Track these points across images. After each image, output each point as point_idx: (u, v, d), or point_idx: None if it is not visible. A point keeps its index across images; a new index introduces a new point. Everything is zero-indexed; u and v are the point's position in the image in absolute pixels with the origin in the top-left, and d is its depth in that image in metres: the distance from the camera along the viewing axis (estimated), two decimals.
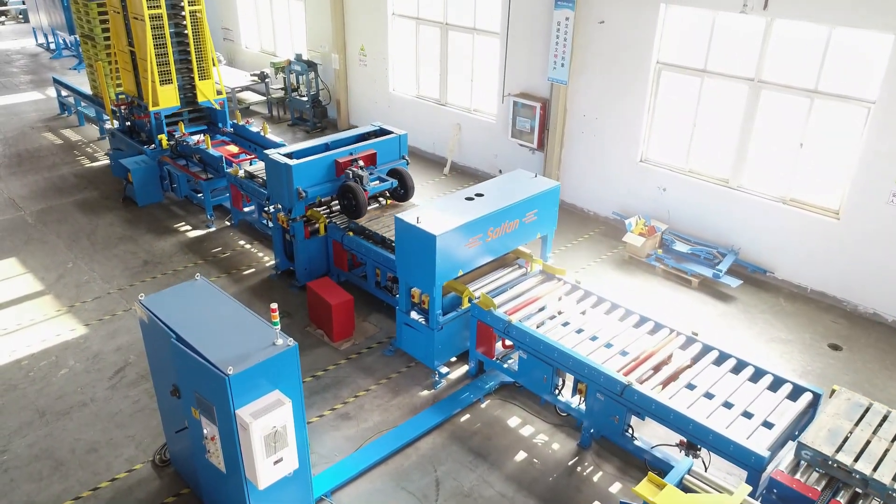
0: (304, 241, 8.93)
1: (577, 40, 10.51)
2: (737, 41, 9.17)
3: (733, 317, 8.86)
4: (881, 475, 4.82)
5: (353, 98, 15.14)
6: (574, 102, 11.00)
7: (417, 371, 7.74)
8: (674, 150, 10.25)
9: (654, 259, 9.87)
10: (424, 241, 6.91)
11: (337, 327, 8.10)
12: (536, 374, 6.87)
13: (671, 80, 9.96)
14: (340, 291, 8.23)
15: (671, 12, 9.63)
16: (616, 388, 6.16)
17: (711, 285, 9.44)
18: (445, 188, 12.45)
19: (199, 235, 10.69)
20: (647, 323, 7.11)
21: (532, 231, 7.98)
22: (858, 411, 5.40)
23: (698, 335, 6.83)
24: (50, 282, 9.37)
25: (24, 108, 16.45)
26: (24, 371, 7.65)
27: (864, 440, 5.12)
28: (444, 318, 7.39)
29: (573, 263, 9.89)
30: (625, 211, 10.84)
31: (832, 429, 5.20)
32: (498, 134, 12.31)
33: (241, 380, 4.73)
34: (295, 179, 8.52)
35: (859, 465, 4.90)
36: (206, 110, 12.15)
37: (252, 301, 8.96)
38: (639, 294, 9.30)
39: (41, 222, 10.99)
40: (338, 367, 7.81)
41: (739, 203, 9.58)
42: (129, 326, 8.42)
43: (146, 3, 10.66)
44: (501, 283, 7.90)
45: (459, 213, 7.26)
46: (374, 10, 13.76)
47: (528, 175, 8.24)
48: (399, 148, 9.62)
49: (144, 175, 11.39)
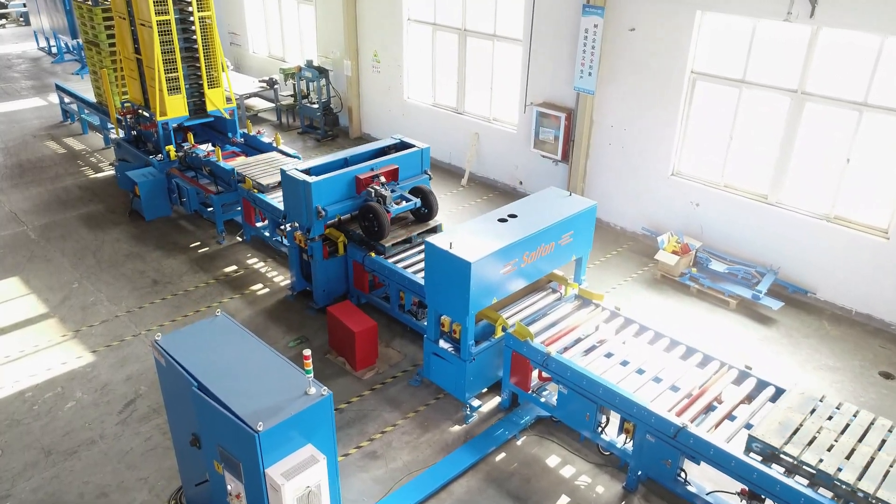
0: (322, 261, 8.46)
1: (605, 48, 10.03)
2: (779, 50, 8.70)
3: (776, 342, 8.39)
4: (827, 466, 4.95)
5: (365, 106, 14.67)
6: (601, 113, 10.53)
7: (447, 403, 7.27)
8: (708, 164, 9.78)
9: (688, 278, 9.40)
10: (458, 267, 6.43)
11: (360, 356, 7.64)
12: (578, 411, 6.40)
13: (706, 91, 9.49)
14: (363, 317, 7.76)
15: (707, 19, 9.16)
16: (669, 430, 5.69)
17: (750, 307, 8.97)
18: (464, 200, 11.98)
19: (210, 252, 10.22)
20: (695, 354, 6.64)
21: (567, 253, 7.51)
22: (811, 404, 5.55)
23: (752, 369, 6.36)
24: (54, 304, 8.90)
25: (25, 116, 15.98)
26: (29, 404, 7.18)
27: (813, 432, 5.28)
28: (476, 349, 6.93)
29: (603, 282, 9.43)
30: (655, 226, 10.37)
31: (783, 421, 5.36)
32: (519, 144, 11.84)
33: (272, 435, 4.27)
34: (314, 197, 8.05)
35: (806, 455, 5.05)
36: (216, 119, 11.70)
37: (268, 325, 8.50)
38: (673, 316, 8.83)
39: (44, 238, 10.52)
40: (362, 398, 7.34)
41: (779, 220, 9.12)
42: (138, 353, 7.95)
43: (154, 9, 10.20)
44: (535, 310, 7.44)
45: (493, 236, 6.79)
46: (389, 15, 13.29)
47: (562, 193, 7.77)
48: (421, 162, 9.16)
49: (152, 188, 10.92)
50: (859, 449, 5.17)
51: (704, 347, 6.66)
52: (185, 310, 8.80)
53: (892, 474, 4.93)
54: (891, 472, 4.94)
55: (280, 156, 10.91)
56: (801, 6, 8.11)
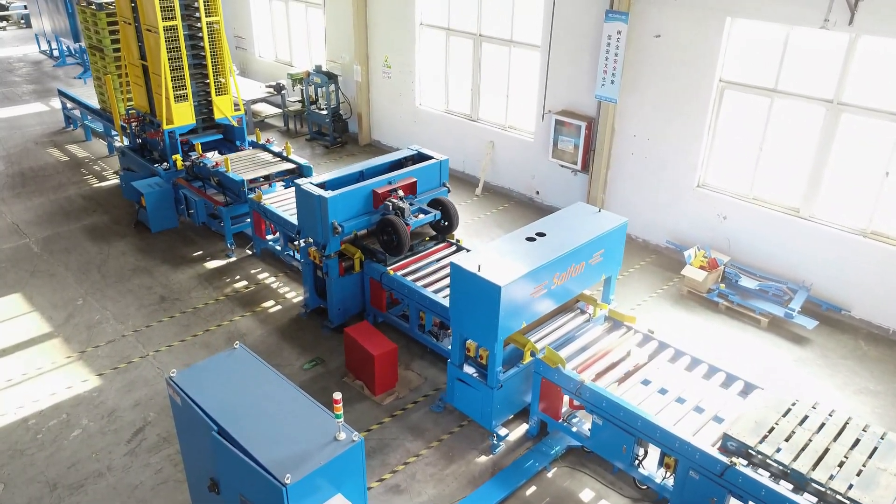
0: (338, 278, 8.11)
1: (629, 55, 9.68)
2: (814, 59, 8.35)
3: (812, 363, 8.04)
4: (801, 465, 4.98)
5: (375, 112, 14.31)
6: (623, 122, 10.18)
7: (471, 431, 6.92)
8: (736, 176, 9.42)
9: (716, 295, 9.04)
10: (486, 291, 6.08)
11: (379, 380, 7.29)
12: (614, 443, 6.04)
13: (735, 100, 9.13)
14: (382, 339, 7.41)
15: (738, 26, 8.81)
16: (715, 467, 5.33)
17: (782, 325, 8.62)
18: (479, 211, 11.63)
19: (219, 266, 9.86)
20: (736, 382, 6.29)
21: (597, 273, 7.16)
22: (786, 404, 5.57)
23: (798, 402, 6.00)
24: (58, 322, 8.55)
25: (27, 122, 15.62)
26: (32, 433, 6.83)
27: (788, 431, 5.31)
28: (503, 375, 6.58)
29: (627, 298, 9.07)
30: (680, 239, 10.02)
31: (759, 420, 5.39)
32: (536, 153, 11.49)
33: (300, 487, 3.92)
34: (330, 213, 7.70)
35: (780, 455, 5.09)
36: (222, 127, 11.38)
37: (282, 345, 8.15)
38: (702, 334, 8.49)
39: (47, 251, 10.17)
40: (382, 426, 6.99)
41: (811, 234, 8.76)
42: (146, 377, 7.60)
43: (161, 14, 9.86)
44: (564, 333, 7.09)
45: (522, 257, 6.44)
46: (400, 20, 12.93)
47: (591, 209, 7.42)
48: (440, 174, 8.81)
49: (158, 199, 10.56)
50: (833, 449, 5.19)
51: (744, 374, 6.31)
52: (195, 329, 8.45)
53: (864, 473, 4.97)
54: (863, 472, 5.00)
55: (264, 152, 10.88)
56: (839, 13, 7.76)
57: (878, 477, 4.93)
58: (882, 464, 5.05)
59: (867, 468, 5.03)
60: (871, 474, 4.96)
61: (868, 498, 4.75)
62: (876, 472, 4.99)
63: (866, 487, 4.85)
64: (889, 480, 4.90)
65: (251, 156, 10.70)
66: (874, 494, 4.79)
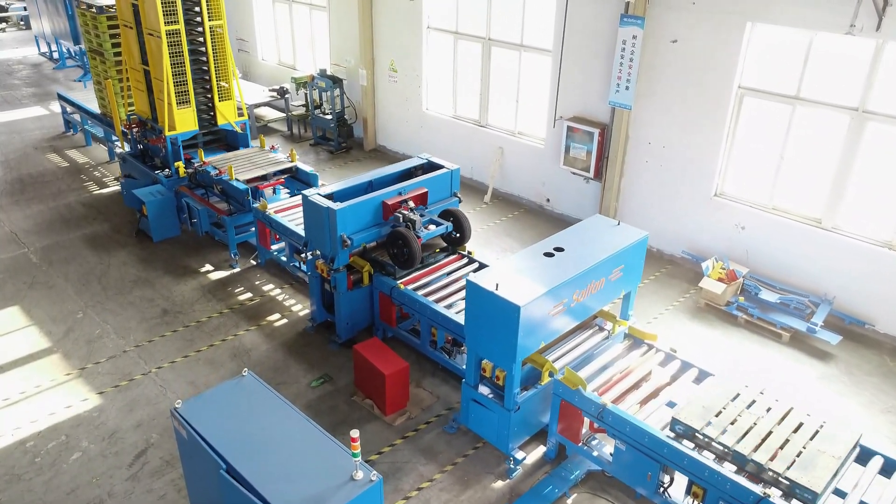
0: (346, 292, 7.85)
1: (644, 61, 9.42)
2: (838, 65, 8.08)
3: (836, 380, 7.78)
4: (743, 447, 5.14)
5: (381, 117, 14.04)
6: (638, 128, 9.91)
7: (487, 454, 6.66)
8: (755, 185, 9.16)
9: (735, 308, 8.78)
10: (505, 311, 5.82)
11: (390, 399, 7.02)
12: (638, 469, 5.77)
13: (755, 107, 8.87)
14: (393, 357, 7.14)
15: (758, 31, 8.54)
16: (748, 499, 5.07)
17: (804, 340, 8.36)
18: (488, 219, 11.36)
19: (223, 278, 9.60)
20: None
21: (616, 289, 6.89)
22: (735, 390, 5.71)
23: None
24: (58, 337, 8.29)
25: (26, 126, 15.35)
26: (30, 456, 6.56)
27: (734, 416, 5.45)
28: (521, 397, 6.32)
29: (643, 311, 8.80)
30: (695, 250, 9.75)
31: (707, 405, 5.54)
32: (546, 160, 11.22)
33: None
34: (339, 226, 7.44)
35: (724, 437, 5.23)
36: (223, 132, 11.13)
37: (288, 362, 7.88)
38: (722, 349, 8.23)
39: (46, 261, 9.90)
40: (394, 448, 6.72)
41: (834, 246, 8.50)
42: (148, 396, 7.33)
43: (163, 18, 9.60)
44: (582, 351, 6.84)
45: (540, 274, 6.18)
46: (407, 23, 12.67)
47: (610, 222, 7.16)
48: (451, 184, 8.55)
49: (160, 208, 10.29)
50: (776, 432, 5.35)
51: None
52: (199, 343, 8.19)
53: (804, 455, 5.13)
54: (803, 454, 5.15)
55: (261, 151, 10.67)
56: (866, 18, 7.49)
57: (818, 459, 5.10)
58: (823, 446, 5.22)
59: (807, 450, 5.18)
60: (811, 456, 5.12)
61: (805, 478, 4.91)
62: (816, 454, 5.15)
63: (804, 468, 5.00)
64: (827, 462, 5.07)
65: (249, 155, 10.47)
66: (811, 475, 4.94)
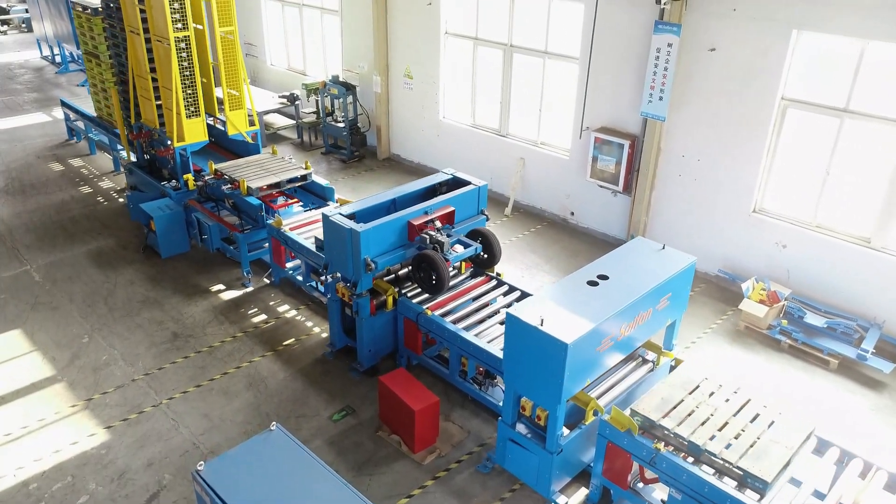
0: (369, 318, 7.38)
1: (679, 70, 8.94)
2: (891, 76, 7.61)
3: (890, 411, 7.30)
4: (698, 437, 5.18)
5: (395, 125, 13.57)
6: (671, 141, 9.43)
7: (525, 497, 6.18)
8: (798, 201, 8.68)
9: (777, 332, 8.30)
10: (550, 348, 5.35)
11: (419, 436, 6.55)
12: None
13: (799, 119, 8.39)
14: (422, 390, 6.66)
15: (805, 40, 8.06)
16: None
17: (854, 367, 7.88)
18: (511, 232, 10.89)
19: (235, 297, 9.13)
20: (831, 449, 5.55)
21: (662, 319, 6.43)
22: (694, 382, 5.74)
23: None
24: (62, 364, 7.82)
25: (29, 133, 14.89)
26: (34, 499, 6.09)
27: (691, 407, 5.49)
28: (564, 439, 5.84)
29: (680, 334, 8.27)
30: (733, 268, 9.27)
31: (665, 397, 5.57)
32: (571, 172, 10.75)
33: None
34: (363, 248, 6.97)
35: (680, 428, 5.25)
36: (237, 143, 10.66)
37: (307, 392, 7.41)
38: (765, 377, 7.75)
39: (50, 280, 9.44)
40: (424, 491, 6.25)
41: (884, 267, 8.02)
42: (159, 430, 6.87)
43: (172, 25, 9.13)
44: (627, 385, 6.38)
45: (586, 306, 5.70)
46: (424, 28, 12.19)
47: (654, 246, 6.68)
48: (478, 202, 8.08)
49: (169, 223, 9.82)
50: (732, 423, 5.39)
51: (835, 438, 5.57)
52: (212, 371, 7.72)
53: (757, 445, 5.18)
54: (757, 444, 5.19)
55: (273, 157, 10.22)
56: None
57: (771, 449, 5.13)
58: (777, 437, 5.25)
59: (761, 440, 5.23)
60: (765, 446, 5.16)
61: (756, 467, 4.94)
62: (769, 444, 5.18)
63: (757, 458, 5.04)
64: (780, 452, 5.10)
65: (261, 161, 9.99)
66: (762, 464, 4.98)
